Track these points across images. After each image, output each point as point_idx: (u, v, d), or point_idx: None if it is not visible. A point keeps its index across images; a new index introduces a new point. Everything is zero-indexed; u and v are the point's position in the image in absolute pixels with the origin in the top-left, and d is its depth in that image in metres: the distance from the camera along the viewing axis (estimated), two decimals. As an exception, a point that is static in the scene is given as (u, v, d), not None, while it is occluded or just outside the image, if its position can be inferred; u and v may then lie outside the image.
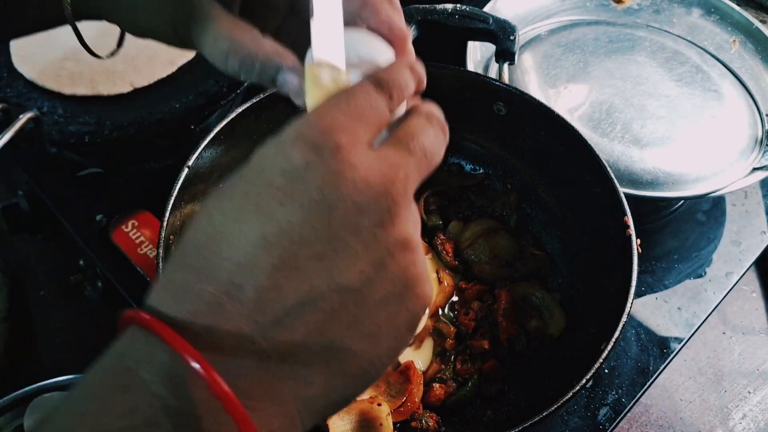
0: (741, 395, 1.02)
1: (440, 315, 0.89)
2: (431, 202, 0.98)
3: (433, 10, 0.96)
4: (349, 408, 0.76)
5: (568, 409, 0.90)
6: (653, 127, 0.99)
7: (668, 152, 0.97)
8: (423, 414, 0.79)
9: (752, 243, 1.08)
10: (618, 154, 0.97)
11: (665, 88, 1.04)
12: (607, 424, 0.88)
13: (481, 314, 0.87)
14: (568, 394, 0.64)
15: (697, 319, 0.99)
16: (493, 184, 0.99)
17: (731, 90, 1.07)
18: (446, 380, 0.83)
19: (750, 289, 1.14)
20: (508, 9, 1.17)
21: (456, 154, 1.01)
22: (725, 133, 1.00)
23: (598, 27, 1.15)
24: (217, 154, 0.84)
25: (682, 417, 0.99)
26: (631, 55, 1.09)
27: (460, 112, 0.95)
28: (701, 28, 1.20)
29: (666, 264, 1.05)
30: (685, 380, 1.02)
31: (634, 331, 0.97)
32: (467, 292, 0.89)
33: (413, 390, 0.79)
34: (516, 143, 0.94)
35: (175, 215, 0.77)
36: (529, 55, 1.10)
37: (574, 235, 0.89)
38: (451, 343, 0.86)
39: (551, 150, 0.89)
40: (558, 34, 1.14)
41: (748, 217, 1.11)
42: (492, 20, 0.94)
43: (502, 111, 0.91)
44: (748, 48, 1.17)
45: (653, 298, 1.01)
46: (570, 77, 1.06)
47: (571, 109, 1.02)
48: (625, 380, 0.92)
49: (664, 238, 1.08)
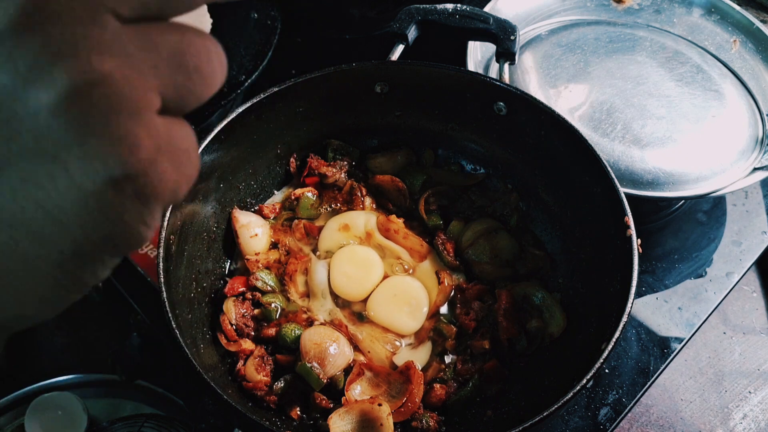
0: (741, 395, 1.02)
1: (440, 315, 0.89)
2: (432, 202, 0.98)
3: (433, 10, 0.96)
4: (350, 408, 0.76)
5: (569, 409, 0.89)
6: (654, 127, 0.99)
7: (669, 152, 0.97)
8: (423, 414, 0.79)
9: (753, 243, 1.08)
10: (618, 154, 0.97)
11: (666, 88, 1.04)
12: (608, 424, 0.88)
13: (482, 314, 0.87)
14: (568, 394, 0.64)
15: (697, 319, 0.99)
16: (493, 184, 0.99)
17: (732, 90, 1.07)
18: (447, 380, 0.83)
19: (750, 289, 1.14)
20: (509, 9, 1.17)
21: (457, 154, 1.01)
22: (726, 133, 1.00)
23: (599, 27, 1.15)
24: (218, 153, 0.84)
25: (683, 417, 0.99)
26: (631, 55, 1.09)
27: (461, 112, 0.96)
28: (702, 28, 1.20)
29: (666, 264, 1.05)
30: (685, 380, 1.02)
31: (635, 331, 0.97)
32: (468, 292, 0.89)
33: (414, 390, 0.79)
34: (516, 143, 0.94)
35: (176, 215, 0.77)
36: (529, 55, 1.10)
37: (574, 235, 0.89)
38: (451, 343, 0.86)
39: (552, 150, 0.89)
40: (558, 34, 1.14)
41: (748, 217, 1.11)
42: (492, 20, 0.94)
43: (502, 111, 0.91)
44: (749, 48, 1.17)
45: (654, 298, 1.01)
46: (570, 77, 1.06)
47: (572, 109, 1.02)
48: (625, 380, 0.92)
49: (664, 238, 1.08)
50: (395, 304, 0.87)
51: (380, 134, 1.01)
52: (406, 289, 0.89)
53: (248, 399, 0.79)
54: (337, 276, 0.89)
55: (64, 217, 0.24)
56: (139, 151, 0.24)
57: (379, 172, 0.99)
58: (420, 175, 0.99)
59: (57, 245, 0.25)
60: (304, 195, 0.96)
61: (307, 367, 0.79)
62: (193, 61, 0.26)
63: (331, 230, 0.94)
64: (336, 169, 0.98)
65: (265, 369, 0.81)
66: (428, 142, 1.01)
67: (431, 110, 0.96)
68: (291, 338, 0.83)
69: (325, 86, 0.90)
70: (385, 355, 0.84)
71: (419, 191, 0.99)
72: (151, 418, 0.96)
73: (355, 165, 1.00)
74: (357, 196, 0.97)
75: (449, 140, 1.00)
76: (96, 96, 0.23)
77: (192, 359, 0.67)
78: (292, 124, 0.93)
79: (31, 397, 0.97)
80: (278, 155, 0.96)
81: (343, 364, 0.81)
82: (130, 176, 0.24)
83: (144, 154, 0.24)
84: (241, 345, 0.83)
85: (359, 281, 0.89)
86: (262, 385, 0.79)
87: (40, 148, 0.23)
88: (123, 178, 0.24)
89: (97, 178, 0.23)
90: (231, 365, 0.83)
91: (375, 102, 0.95)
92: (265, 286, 0.88)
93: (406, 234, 0.93)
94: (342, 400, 0.78)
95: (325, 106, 0.94)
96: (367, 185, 0.99)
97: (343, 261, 0.90)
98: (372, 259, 0.91)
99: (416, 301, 0.88)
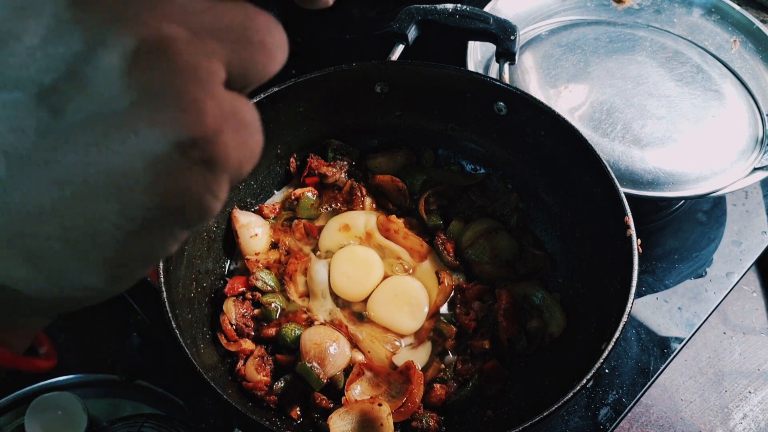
0: (742, 395, 1.02)
1: (440, 315, 0.89)
2: (432, 202, 0.98)
3: (433, 10, 0.96)
4: (350, 408, 0.76)
5: (569, 409, 0.89)
6: (654, 127, 0.99)
7: (669, 152, 0.97)
8: (423, 414, 0.79)
9: (753, 243, 1.08)
10: (618, 154, 0.97)
11: (666, 88, 1.04)
12: (608, 424, 0.88)
13: (482, 314, 0.87)
14: (568, 394, 0.64)
15: (697, 319, 0.99)
16: (493, 184, 0.99)
17: (732, 90, 1.07)
18: (447, 380, 0.83)
19: (750, 289, 1.14)
20: (509, 9, 1.17)
21: (457, 154, 1.01)
22: (726, 133, 1.00)
23: (599, 27, 1.15)
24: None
25: (683, 417, 0.99)
26: (631, 55, 1.09)
27: (461, 112, 0.96)
28: (702, 28, 1.20)
29: (666, 264, 1.05)
30: (685, 380, 1.02)
31: (635, 331, 0.97)
32: (468, 292, 0.89)
33: (414, 390, 0.79)
34: (516, 143, 0.94)
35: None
36: (529, 55, 1.10)
37: (574, 235, 0.89)
38: (451, 343, 0.86)
39: (552, 150, 0.89)
40: (558, 34, 1.14)
41: (748, 217, 1.11)
42: (492, 20, 0.94)
43: (502, 111, 0.91)
44: (749, 48, 1.17)
45: (654, 298, 1.01)
46: (570, 77, 1.06)
47: (572, 109, 1.02)
48: (625, 380, 0.92)
49: (664, 238, 1.08)
50: (395, 304, 0.87)
51: (380, 134, 1.01)
52: (406, 289, 0.89)
53: (248, 399, 0.79)
54: (337, 276, 0.89)
55: (134, 183, 0.24)
56: (205, 118, 0.24)
57: (379, 172, 0.99)
58: (420, 175, 0.99)
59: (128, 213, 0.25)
60: (304, 195, 0.96)
61: (307, 367, 0.79)
62: (259, 36, 0.26)
63: (332, 230, 0.94)
64: (336, 169, 0.98)
65: (265, 369, 0.81)
66: (428, 142, 1.01)
67: (431, 110, 0.96)
68: (291, 338, 0.83)
69: (325, 86, 0.90)
70: (385, 355, 0.84)
71: (419, 191, 0.99)
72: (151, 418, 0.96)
73: (355, 165, 1.00)
74: (357, 196, 0.97)
75: (449, 140, 1.00)
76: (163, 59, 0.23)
77: (192, 359, 0.67)
78: (292, 124, 0.93)
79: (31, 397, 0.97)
80: (278, 155, 0.96)
81: (343, 364, 0.81)
82: (196, 141, 0.24)
83: (210, 122, 0.24)
84: (241, 345, 0.83)
85: (359, 282, 0.89)
86: (262, 385, 0.79)
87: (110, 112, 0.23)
88: (190, 142, 0.24)
89: (165, 142, 0.24)
90: (231, 365, 0.83)
91: (375, 102, 0.95)
92: (265, 286, 0.88)
93: (406, 234, 0.93)
94: (342, 400, 0.78)
95: (325, 106, 0.94)
96: (367, 185, 0.99)
97: (343, 261, 0.90)
98: (372, 259, 0.91)
99: (416, 301, 0.88)
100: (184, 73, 0.24)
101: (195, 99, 0.24)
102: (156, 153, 0.24)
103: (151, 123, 0.23)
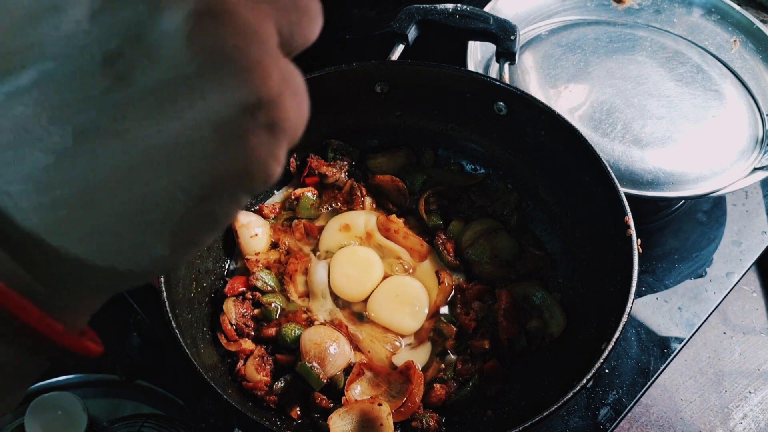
0: (742, 395, 1.02)
1: (440, 315, 0.89)
2: (432, 202, 0.98)
3: (433, 10, 0.96)
4: (350, 408, 0.76)
5: (569, 409, 0.89)
6: (654, 127, 0.99)
7: (669, 152, 0.97)
8: (424, 414, 0.79)
9: (753, 243, 1.08)
10: (618, 154, 0.97)
11: (666, 88, 1.04)
12: (608, 424, 0.88)
13: (482, 314, 0.87)
14: (568, 394, 0.64)
15: (697, 319, 0.99)
16: (493, 184, 0.99)
17: (732, 90, 1.07)
18: (447, 380, 0.83)
19: (750, 289, 1.14)
20: (509, 9, 1.17)
21: (457, 154, 1.01)
22: (726, 133, 1.00)
23: (599, 27, 1.15)
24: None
25: (683, 417, 0.99)
26: (631, 55, 1.09)
27: (461, 112, 0.96)
28: (702, 28, 1.20)
29: (666, 264, 1.05)
30: (685, 380, 1.02)
31: (635, 331, 0.97)
32: (468, 292, 0.89)
33: (414, 390, 0.79)
34: (516, 143, 0.94)
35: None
36: (529, 55, 1.10)
37: (574, 235, 0.89)
38: (451, 343, 0.86)
39: (552, 150, 0.89)
40: (558, 34, 1.14)
41: (748, 217, 1.11)
42: (492, 20, 0.94)
43: (502, 111, 0.91)
44: (749, 48, 1.17)
45: (654, 298, 1.01)
46: (570, 77, 1.06)
47: (572, 108, 1.02)
48: (625, 380, 0.92)
49: (664, 238, 1.08)
50: (395, 304, 0.87)
51: (380, 134, 1.01)
52: (406, 289, 0.89)
53: (248, 399, 0.79)
54: (338, 276, 0.89)
55: (202, 146, 0.24)
56: (270, 80, 0.24)
57: (379, 172, 0.99)
58: (420, 175, 0.99)
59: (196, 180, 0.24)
60: (304, 195, 0.96)
61: (307, 367, 0.79)
62: (304, 2, 0.26)
63: (332, 230, 0.94)
64: (336, 169, 0.98)
65: (265, 369, 0.81)
66: (428, 142, 1.01)
67: (431, 110, 0.96)
68: (291, 338, 0.83)
69: (325, 86, 0.90)
70: (385, 355, 0.84)
71: (419, 191, 0.99)
72: (151, 418, 0.96)
73: (355, 165, 1.00)
74: (357, 196, 0.97)
75: (449, 140, 1.00)
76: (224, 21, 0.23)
77: (192, 359, 0.67)
78: (292, 124, 0.93)
79: (31, 397, 0.97)
80: (278, 155, 0.96)
81: (343, 364, 0.81)
82: (263, 104, 0.24)
83: (274, 84, 0.24)
84: (241, 345, 0.83)
85: (359, 282, 0.89)
86: (262, 385, 0.79)
87: (176, 76, 0.23)
88: (257, 105, 0.24)
89: (233, 105, 0.23)
90: (231, 365, 0.83)
91: (375, 102, 0.95)
92: (265, 286, 0.88)
93: (406, 234, 0.93)
94: (342, 400, 0.78)
95: (325, 106, 0.94)
96: (367, 185, 0.99)
97: (343, 261, 0.90)
98: (372, 259, 0.91)
99: (416, 301, 0.88)
100: (246, 35, 0.23)
101: (258, 60, 0.24)
102: (224, 116, 0.23)
103: (219, 86, 0.23)
